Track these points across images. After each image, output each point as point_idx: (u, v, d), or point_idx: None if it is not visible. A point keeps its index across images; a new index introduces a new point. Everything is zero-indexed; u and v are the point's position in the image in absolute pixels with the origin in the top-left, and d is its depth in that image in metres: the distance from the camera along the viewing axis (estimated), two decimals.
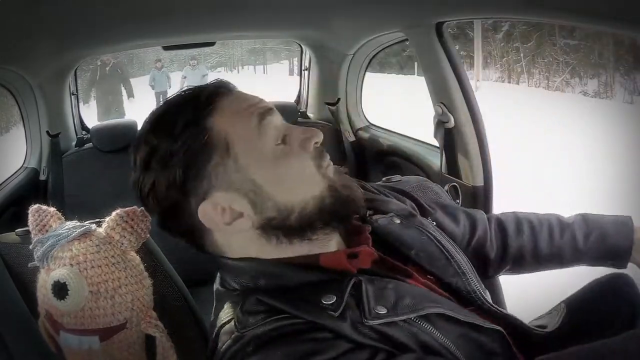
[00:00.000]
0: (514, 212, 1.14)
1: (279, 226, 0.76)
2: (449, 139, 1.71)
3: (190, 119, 0.75)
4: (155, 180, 0.76)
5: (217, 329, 0.78)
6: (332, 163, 0.81)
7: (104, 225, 1.03)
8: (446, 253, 0.87)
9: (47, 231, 1.02)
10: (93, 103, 9.38)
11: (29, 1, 1.32)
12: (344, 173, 0.83)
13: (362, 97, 2.49)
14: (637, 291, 0.97)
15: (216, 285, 0.87)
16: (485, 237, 1.05)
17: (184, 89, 0.83)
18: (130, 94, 9.10)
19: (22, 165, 2.15)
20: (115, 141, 2.17)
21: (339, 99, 2.43)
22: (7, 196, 1.89)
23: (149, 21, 1.84)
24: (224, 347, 0.73)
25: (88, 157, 2.16)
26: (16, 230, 1.12)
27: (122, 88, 8.94)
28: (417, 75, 11.29)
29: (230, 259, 0.81)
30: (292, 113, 2.37)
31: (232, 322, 0.74)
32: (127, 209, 1.03)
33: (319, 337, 0.68)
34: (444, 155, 1.76)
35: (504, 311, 0.86)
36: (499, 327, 0.78)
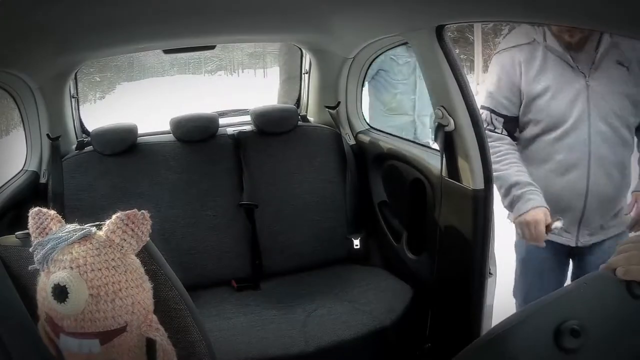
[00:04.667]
0: None
1: None
2: (449, 142, 1.71)
3: None
4: None
5: None
6: None
7: (105, 228, 1.03)
8: None
9: (47, 234, 1.02)
10: None
11: (29, 4, 1.33)
12: None
13: (362, 101, 2.49)
14: None
15: None
16: None
17: None
18: None
19: (22, 168, 2.15)
20: (116, 145, 2.17)
21: (339, 103, 2.43)
22: (7, 199, 1.88)
23: (149, 25, 1.84)
24: None
25: (88, 160, 2.16)
26: (16, 233, 1.12)
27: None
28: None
29: None
30: (292, 117, 2.38)
31: None
32: (127, 212, 1.03)
33: None
34: (444, 158, 1.76)
35: None
36: None
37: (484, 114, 1.80)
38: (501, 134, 1.81)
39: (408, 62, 3.27)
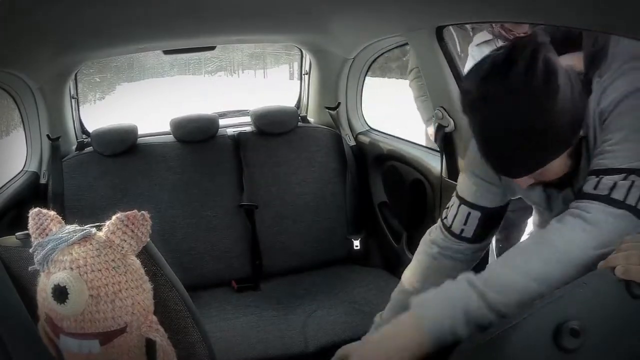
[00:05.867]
0: None
1: None
2: (449, 142, 1.71)
3: None
4: None
5: None
6: None
7: (105, 229, 1.03)
8: None
9: (47, 235, 1.02)
10: None
11: (29, 4, 1.33)
12: None
13: (362, 102, 2.49)
14: None
15: None
16: None
17: None
18: None
19: (22, 169, 2.15)
20: (116, 145, 2.17)
21: (339, 104, 2.43)
22: (8, 200, 1.88)
23: (149, 25, 1.84)
24: None
25: (88, 161, 2.16)
26: (16, 234, 1.12)
27: None
28: None
29: None
30: (292, 117, 2.38)
31: None
32: (127, 212, 1.03)
33: None
34: (443, 158, 1.76)
35: None
36: None
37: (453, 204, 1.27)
38: (460, 235, 1.24)
39: None
